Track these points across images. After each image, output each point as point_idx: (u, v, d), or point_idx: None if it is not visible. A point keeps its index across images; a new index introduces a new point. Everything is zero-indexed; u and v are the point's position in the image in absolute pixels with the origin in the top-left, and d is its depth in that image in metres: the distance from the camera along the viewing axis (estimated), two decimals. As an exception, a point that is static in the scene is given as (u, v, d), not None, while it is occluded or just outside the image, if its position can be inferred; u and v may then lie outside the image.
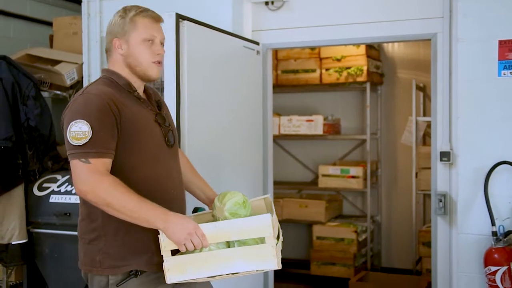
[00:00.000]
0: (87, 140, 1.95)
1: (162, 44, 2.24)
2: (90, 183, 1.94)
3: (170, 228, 1.95)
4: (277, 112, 5.67)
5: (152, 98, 2.27)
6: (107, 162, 1.99)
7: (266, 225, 1.96)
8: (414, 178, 5.43)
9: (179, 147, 2.51)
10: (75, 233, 3.54)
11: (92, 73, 4.24)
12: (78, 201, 3.59)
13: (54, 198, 3.71)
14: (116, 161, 2.02)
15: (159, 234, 1.98)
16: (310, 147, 6.13)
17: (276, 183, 4.41)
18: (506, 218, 3.14)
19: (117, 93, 2.10)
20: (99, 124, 1.96)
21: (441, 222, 3.48)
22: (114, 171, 2.00)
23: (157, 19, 2.22)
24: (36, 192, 3.79)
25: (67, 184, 3.76)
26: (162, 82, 3.01)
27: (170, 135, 2.20)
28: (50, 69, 4.17)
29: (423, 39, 3.74)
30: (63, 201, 3.68)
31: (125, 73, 2.18)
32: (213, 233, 1.97)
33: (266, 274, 4.01)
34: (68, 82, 4.22)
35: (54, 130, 3.98)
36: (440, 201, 3.44)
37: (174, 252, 2.01)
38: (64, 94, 4.28)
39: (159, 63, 2.20)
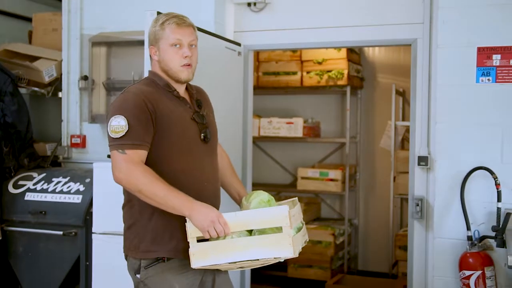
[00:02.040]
0: (124, 133, 2.17)
1: (192, 45, 2.38)
2: (124, 171, 2.17)
3: (195, 216, 2.13)
4: (257, 114, 5.67)
5: (194, 97, 2.44)
6: (141, 154, 2.19)
7: (284, 215, 2.10)
8: (392, 182, 5.47)
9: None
10: (51, 231, 3.55)
11: (71, 70, 4.20)
12: (53, 200, 3.60)
13: (29, 196, 3.67)
14: (152, 153, 2.23)
15: (185, 222, 2.14)
16: (289, 150, 6.14)
17: (255, 185, 4.40)
18: (482, 223, 3.18)
19: (156, 92, 2.30)
20: (135, 119, 2.18)
21: (418, 226, 3.51)
22: (150, 162, 2.21)
23: (181, 23, 2.36)
24: (11, 189, 3.74)
25: (43, 182, 3.72)
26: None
27: (206, 132, 2.38)
28: (29, 65, 4.12)
29: (403, 44, 3.77)
30: (38, 199, 3.64)
31: (164, 75, 2.37)
32: (234, 221, 2.13)
33: (242, 275, 4.00)
34: (47, 79, 4.17)
35: (31, 127, 3.94)
36: (417, 205, 3.47)
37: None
38: (42, 91, 4.23)
39: (188, 65, 2.35)
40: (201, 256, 2.13)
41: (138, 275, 2.30)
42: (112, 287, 3.29)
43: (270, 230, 2.14)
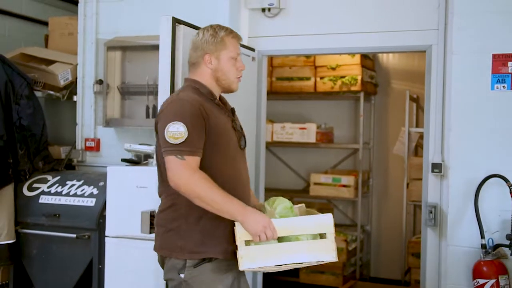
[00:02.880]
0: (183, 140, 2.26)
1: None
2: (184, 177, 2.25)
3: (248, 221, 2.26)
4: (271, 119, 5.67)
5: (227, 106, 2.57)
6: (197, 160, 2.30)
7: (329, 223, 2.33)
8: (405, 188, 5.44)
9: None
10: (64, 234, 3.57)
11: (86, 74, 4.23)
12: (67, 203, 3.62)
13: (43, 199, 3.70)
14: (204, 159, 2.33)
15: (233, 226, 2.27)
16: (302, 155, 6.13)
17: (267, 190, 4.40)
18: (496, 231, 3.15)
19: (204, 100, 2.40)
20: (192, 126, 2.28)
21: (431, 233, 3.49)
22: (202, 168, 2.30)
23: (239, 38, 2.56)
24: (25, 192, 3.77)
25: (57, 185, 3.75)
26: (156, 85, 3.01)
27: (242, 139, 2.53)
28: (44, 69, 4.16)
29: (418, 51, 3.76)
30: (52, 202, 3.67)
31: (209, 83, 2.48)
32: (281, 227, 2.27)
33: (254, 281, 4.00)
34: (62, 83, 4.21)
35: (46, 130, 3.97)
36: (431, 212, 3.45)
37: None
38: (58, 94, 4.27)
39: (239, 77, 2.55)
40: (249, 259, 2.26)
41: (182, 275, 2.35)
42: (125, 290, 3.31)
43: (304, 236, 2.30)
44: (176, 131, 2.28)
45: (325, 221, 2.31)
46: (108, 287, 3.36)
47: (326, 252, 2.30)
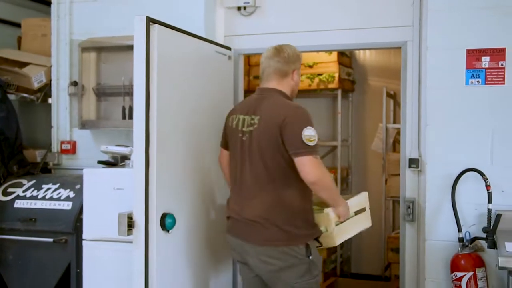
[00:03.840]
0: (315, 143, 2.75)
1: None
2: (320, 173, 2.73)
3: (343, 207, 2.91)
4: (249, 118, 5.65)
5: None
6: None
7: (367, 199, 3.23)
8: (384, 184, 5.48)
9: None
10: (41, 239, 3.52)
11: (61, 76, 4.18)
12: (43, 207, 3.57)
13: (19, 203, 3.64)
14: None
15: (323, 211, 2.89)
16: (281, 153, 6.13)
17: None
18: (472, 224, 3.18)
19: None
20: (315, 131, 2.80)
21: (409, 228, 3.51)
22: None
23: None
24: (0, 197, 3.71)
25: (32, 189, 3.70)
26: (132, 86, 2.97)
27: None
28: (18, 71, 4.10)
29: (393, 47, 3.78)
30: (28, 206, 3.62)
31: (289, 94, 3.02)
32: (350, 207, 3.00)
33: (235, 278, 3.98)
34: (36, 85, 4.15)
35: (20, 133, 3.92)
36: (409, 207, 3.47)
37: None
38: (32, 97, 4.21)
39: None
40: (339, 235, 2.95)
41: (310, 257, 2.80)
42: (103, 294, 3.27)
43: (355, 212, 3.08)
44: (311, 134, 2.74)
45: (366, 198, 3.21)
46: (87, 290, 3.32)
47: (367, 220, 3.20)
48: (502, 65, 3.20)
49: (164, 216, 2.93)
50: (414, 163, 3.48)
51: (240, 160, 2.94)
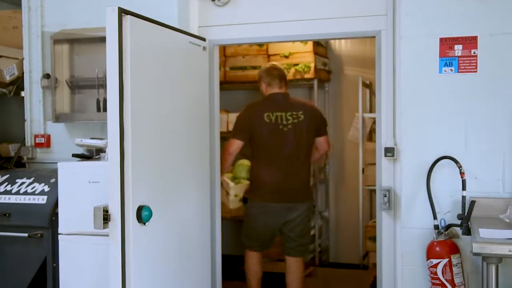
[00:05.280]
0: None
1: None
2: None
3: None
4: (226, 109, 5.64)
5: None
6: None
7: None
8: (360, 174, 5.52)
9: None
10: (15, 234, 3.48)
11: (33, 69, 4.11)
12: (18, 201, 3.53)
13: (-8, 198, 3.59)
14: None
15: None
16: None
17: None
18: (448, 211, 3.22)
19: None
20: None
21: (386, 216, 3.54)
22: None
23: None
24: (-27, 192, 3.65)
25: (6, 183, 3.65)
26: (105, 78, 2.94)
27: None
28: (-12, 64, 4.02)
29: (368, 36, 3.79)
30: (2, 201, 3.57)
31: None
32: None
33: (213, 272, 3.98)
34: (8, 78, 4.08)
35: (-8, 127, 3.85)
36: (385, 196, 3.49)
37: None
38: (4, 90, 4.13)
39: None
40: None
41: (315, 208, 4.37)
42: (80, 287, 3.25)
43: None
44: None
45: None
46: (63, 285, 3.29)
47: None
48: (474, 53, 3.23)
49: (140, 209, 2.91)
50: (389, 151, 3.50)
51: (286, 146, 4.28)
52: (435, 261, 3.05)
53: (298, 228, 4.40)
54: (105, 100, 3.85)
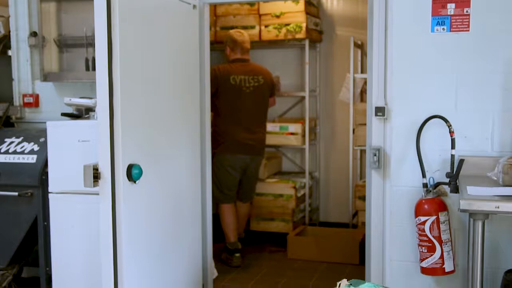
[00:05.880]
0: None
1: None
2: None
3: None
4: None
5: None
6: None
7: None
8: (351, 134, 5.53)
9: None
10: (6, 193, 3.50)
11: (19, 27, 4.05)
12: (7, 161, 3.52)
13: (-19, 158, 3.57)
14: None
15: None
16: (249, 105, 6.12)
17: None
18: (436, 170, 3.24)
19: None
20: None
21: (375, 175, 3.56)
22: None
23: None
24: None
25: (-5, 142, 3.62)
26: (94, 37, 2.90)
27: None
28: (-26, 22, 3.95)
29: (360, -5, 3.74)
30: (-9, 160, 3.55)
31: None
32: None
33: (204, 233, 4.01)
34: (-6, 36, 4.02)
35: (-21, 86, 3.80)
36: (375, 155, 3.50)
37: None
38: (-10, 48, 4.08)
39: None
40: None
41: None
42: (71, 246, 3.27)
43: None
44: None
45: None
46: (54, 243, 3.32)
47: None
48: (467, 12, 3.20)
49: (130, 167, 2.91)
50: (380, 111, 3.50)
51: (249, 105, 4.86)
52: (423, 218, 3.08)
53: (254, 178, 5.12)
54: (93, 59, 3.81)
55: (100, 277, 2.94)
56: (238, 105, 4.85)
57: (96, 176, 2.84)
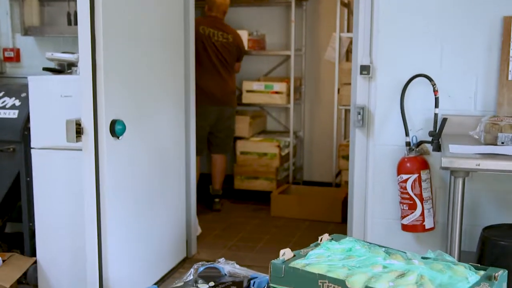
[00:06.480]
0: None
1: None
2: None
3: None
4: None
5: None
6: None
7: None
8: (336, 93, 5.53)
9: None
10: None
11: None
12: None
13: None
14: None
15: None
16: (234, 63, 6.07)
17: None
18: (420, 129, 3.26)
19: None
20: None
21: (359, 134, 3.56)
22: None
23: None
24: None
25: (-25, 97, 3.56)
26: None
27: None
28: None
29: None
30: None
31: None
32: None
33: (188, 189, 4.03)
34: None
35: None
36: (359, 113, 3.51)
37: None
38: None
39: None
40: None
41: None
42: (54, 202, 3.26)
43: None
44: None
45: None
46: (37, 199, 3.30)
47: None
48: (454, -30, 3.17)
49: (113, 122, 2.89)
50: (365, 69, 3.48)
51: (215, 57, 5.10)
52: (405, 176, 3.11)
53: (225, 130, 5.28)
54: (76, 13, 3.73)
55: (83, 231, 2.95)
56: (205, 56, 5.08)
57: (79, 132, 2.82)
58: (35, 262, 3.38)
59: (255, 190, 5.55)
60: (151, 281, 3.42)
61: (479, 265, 1.79)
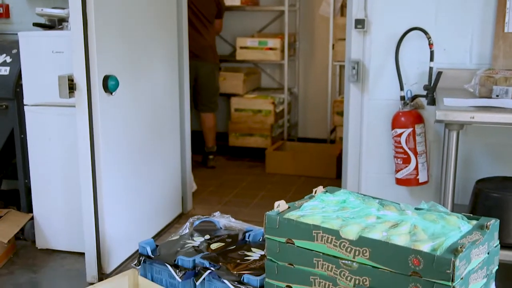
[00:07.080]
0: None
1: None
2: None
3: None
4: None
5: None
6: None
7: None
8: (330, 49, 5.48)
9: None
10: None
11: None
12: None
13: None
14: None
15: None
16: (228, 20, 5.98)
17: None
18: (414, 83, 3.24)
19: None
20: None
21: (354, 89, 3.55)
22: None
23: None
24: None
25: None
26: None
27: None
28: None
29: None
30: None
31: None
32: None
33: (183, 145, 4.03)
34: None
35: None
36: (353, 68, 3.48)
37: None
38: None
39: None
40: None
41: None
42: (49, 158, 3.27)
43: None
44: None
45: None
46: (32, 155, 3.30)
47: None
48: None
49: (106, 78, 2.87)
50: (360, 23, 3.44)
51: (189, 10, 4.45)
52: (399, 130, 3.11)
53: (208, 87, 5.19)
54: (65, -33, 3.65)
55: (79, 188, 2.96)
56: (193, 17, 4.92)
57: (72, 87, 2.80)
58: (32, 218, 3.40)
59: (250, 147, 5.56)
60: (147, 236, 3.45)
61: (471, 215, 1.80)
